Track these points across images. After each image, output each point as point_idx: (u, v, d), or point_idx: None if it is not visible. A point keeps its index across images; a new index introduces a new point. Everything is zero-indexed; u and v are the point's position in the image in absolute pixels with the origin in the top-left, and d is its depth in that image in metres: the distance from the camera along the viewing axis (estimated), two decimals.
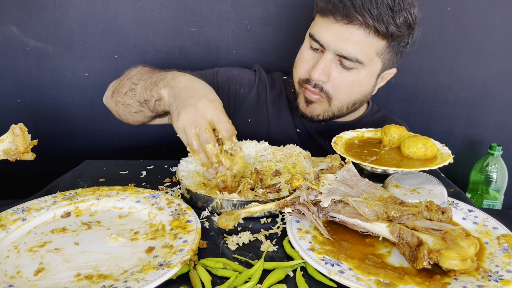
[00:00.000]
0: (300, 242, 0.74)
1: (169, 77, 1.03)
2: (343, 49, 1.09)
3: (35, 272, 0.69)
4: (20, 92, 1.56)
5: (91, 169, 1.12)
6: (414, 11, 1.11)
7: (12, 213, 0.83)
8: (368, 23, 1.05)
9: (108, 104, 1.26)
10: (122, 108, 1.19)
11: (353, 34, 1.08)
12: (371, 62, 1.13)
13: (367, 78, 1.17)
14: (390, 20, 1.06)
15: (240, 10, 1.54)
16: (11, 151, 0.79)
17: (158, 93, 1.03)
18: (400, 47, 1.16)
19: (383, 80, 1.26)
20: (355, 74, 1.14)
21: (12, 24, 1.48)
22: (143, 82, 1.10)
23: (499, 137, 1.72)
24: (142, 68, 1.20)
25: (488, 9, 1.56)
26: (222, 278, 0.69)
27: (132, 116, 1.19)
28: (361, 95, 1.21)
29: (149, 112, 1.12)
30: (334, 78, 1.14)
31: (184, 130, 0.91)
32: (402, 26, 1.09)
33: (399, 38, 1.12)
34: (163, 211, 0.86)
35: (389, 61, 1.19)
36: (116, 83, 1.23)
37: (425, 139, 1.01)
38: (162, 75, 1.07)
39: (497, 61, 1.63)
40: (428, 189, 0.82)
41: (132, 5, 1.50)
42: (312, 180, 0.82)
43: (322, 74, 1.12)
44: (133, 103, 1.13)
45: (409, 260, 0.69)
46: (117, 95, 1.19)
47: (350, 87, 1.16)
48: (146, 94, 1.08)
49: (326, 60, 1.12)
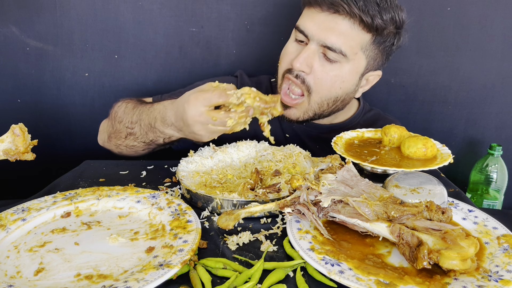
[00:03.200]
0: (300, 242, 0.74)
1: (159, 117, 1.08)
2: (327, 38, 1.08)
3: (35, 272, 0.69)
4: (20, 92, 1.56)
5: (91, 169, 1.12)
6: (402, 14, 1.11)
7: (12, 213, 0.83)
8: (354, 12, 1.05)
9: (108, 146, 1.27)
10: (125, 150, 1.21)
11: (338, 24, 1.08)
12: (355, 56, 1.12)
13: (350, 75, 1.15)
14: (377, 14, 1.06)
15: (240, 10, 1.54)
16: (11, 151, 0.79)
17: (164, 133, 1.09)
18: (385, 46, 1.15)
19: (368, 83, 1.24)
20: (338, 68, 1.12)
21: (12, 24, 1.48)
22: (138, 126, 1.14)
23: (499, 137, 1.72)
24: (126, 105, 1.20)
25: (488, 9, 1.56)
26: (222, 278, 0.69)
27: (138, 153, 1.22)
28: (343, 92, 1.18)
29: (159, 147, 1.18)
30: (316, 71, 1.12)
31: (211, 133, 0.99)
32: (388, 22, 1.09)
33: (385, 35, 1.12)
34: (163, 211, 0.86)
35: (374, 60, 1.17)
36: (108, 126, 1.24)
37: (425, 139, 1.01)
38: (150, 116, 1.11)
39: (497, 61, 1.63)
40: (428, 189, 0.82)
41: (132, 5, 1.50)
42: (312, 180, 0.82)
43: (304, 64, 1.11)
44: (138, 144, 1.17)
45: (409, 260, 0.69)
46: (116, 140, 1.20)
47: (331, 82, 1.14)
48: (149, 136, 1.12)
49: (310, 50, 1.11)
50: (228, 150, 1.09)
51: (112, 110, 1.23)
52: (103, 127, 1.30)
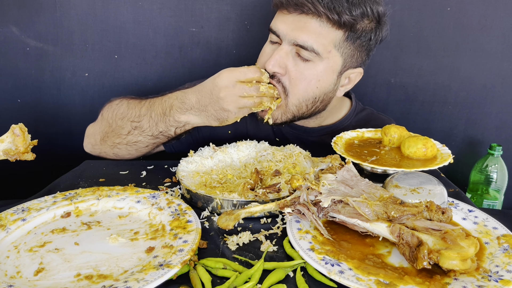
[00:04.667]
0: (300, 242, 0.74)
1: (176, 103, 1.11)
2: (298, 37, 1.07)
3: (35, 272, 0.69)
4: (20, 92, 1.56)
5: (91, 169, 1.12)
6: (377, 7, 1.09)
7: (12, 213, 0.83)
8: (319, 10, 1.04)
9: (99, 149, 1.24)
10: (124, 148, 1.20)
11: (308, 24, 1.07)
12: (329, 55, 1.10)
13: (325, 73, 1.13)
14: (344, 10, 1.04)
15: (240, 10, 1.54)
16: (11, 151, 0.79)
17: (178, 121, 1.11)
18: (361, 42, 1.12)
19: (350, 82, 1.21)
20: (312, 67, 1.10)
21: (12, 24, 1.48)
22: (146, 117, 1.14)
23: (499, 137, 1.72)
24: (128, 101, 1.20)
25: (488, 9, 1.56)
26: (222, 278, 0.69)
27: (138, 151, 1.21)
28: (320, 91, 1.15)
29: (166, 139, 1.18)
30: (290, 70, 1.11)
31: (238, 109, 1.06)
32: (358, 17, 1.06)
33: (357, 30, 1.09)
34: (163, 211, 0.86)
35: (351, 57, 1.14)
36: (102, 127, 1.22)
37: (425, 139, 1.01)
38: (164, 104, 1.12)
39: (497, 61, 1.63)
40: (428, 189, 0.82)
41: (132, 5, 1.50)
42: (312, 180, 0.82)
43: (276, 65, 1.09)
44: (143, 138, 1.16)
45: (409, 260, 0.69)
46: (114, 138, 1.19)
47: (307, 81, 1.12)
48: (160, 126, 1.13)
49: (282, 51, 1.10)
50: (228, 150, 1.09)
51: (105, 110, 1.22)
52: (91, 131, 1.26)
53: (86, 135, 1.28)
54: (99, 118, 1.25)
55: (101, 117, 1.24)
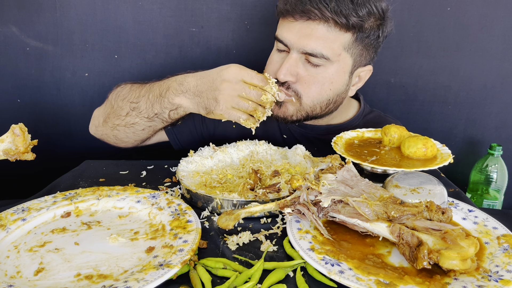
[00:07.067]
0: (300, 242, 0.74)
1: (173, 85, 1.08)
2: (306, 45, 1.07)
3: (35, 272, 0.69)
4: (20, 92, 1.56)
5: (91, 169, 1.12)
6: (380, 4, 1.09)
7: (12, 213, 0.83)
8: (326, 16, 1.03)
9: (101, 131, 1.25)
10: (123, 130, 1.19)
11: (315, 30, 1.06)
12: (339, 58, 1.10)
13: (337, 75, 1.13)
14: (351, 12, 1.04)
15: (240, 10, 1.54)
16: (11, 151, 0.79)
17: (172, 103, 1.09)
18: (370, 41, 1.12)
19: (360, 80, 1.22)
20: (323, 71, 1.11)
21: (12, 24, 1.48)
22: (144, 98, 1.13)
23: (499, 137, 1.72)
24: (131, 84, 1.20)
25: (488, 9, 1.56)
26: (222, 278, 0.69)
27: (135, 135, 1.20)
28: (333, 93, 1.16)
29: (161, 124, 1.16)
30: (302, 77, 1.11)
31: (230, 107, 1.01)
32: (365, 17, 1.06)
33: (366, 30, 1.09)
34: (163, 211, 0.86)
35: (360, 56, 1.15)
36: (105, 109, 1.23)
37: (425, 139, 1.01)
38: (162, 86, 1.11)
39: (497, 61, 1.63)
40: (428, 189, 0.82)
41: (132, 5, 1.50)
42: (312, 180, 0.82)
43: (288, 74, 1.09)
44: (140, 120, 1.15)
45: (409, 260, 0.69)
46: (115, 119, 1.19)
47: (320, 85, 1.12)
48: (155, 108, 1.12)
49: (291, 59, 1.09)
50: (228, 150, 1.09)
51: (113, 92, 1.23)
52: (97, 113, 1.28)
53: (92, 118, 1.29)
54: (107, 99, 1.24)
55: (107, 100, 1.24)
